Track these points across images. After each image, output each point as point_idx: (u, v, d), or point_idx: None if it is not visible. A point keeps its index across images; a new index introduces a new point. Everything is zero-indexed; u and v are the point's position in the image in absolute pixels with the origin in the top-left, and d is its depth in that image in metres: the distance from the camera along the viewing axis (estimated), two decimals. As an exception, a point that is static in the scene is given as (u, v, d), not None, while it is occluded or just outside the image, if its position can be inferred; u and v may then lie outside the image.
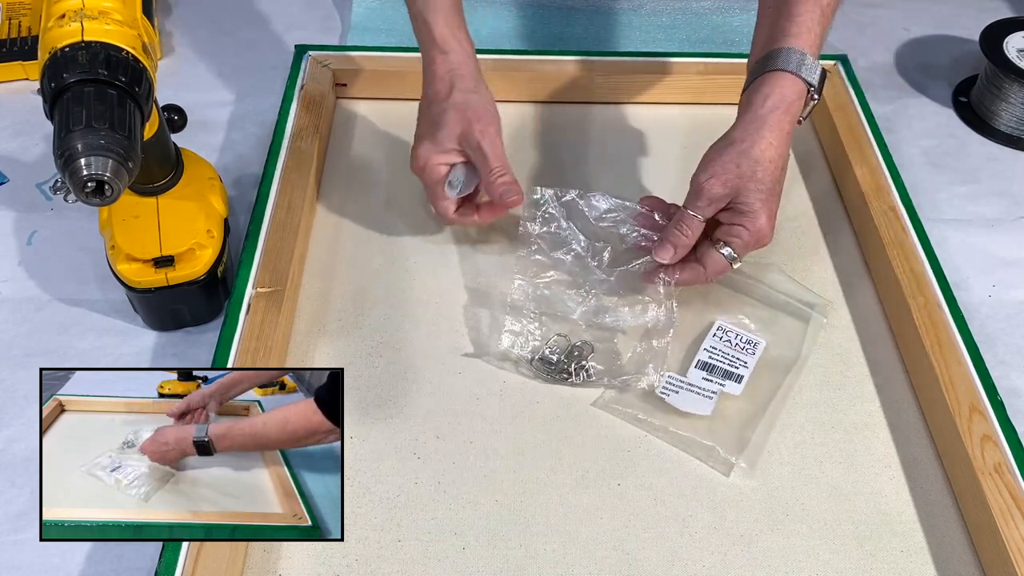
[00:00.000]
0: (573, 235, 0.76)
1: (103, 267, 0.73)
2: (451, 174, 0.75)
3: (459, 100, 0.73)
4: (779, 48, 0.69)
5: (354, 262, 0.79)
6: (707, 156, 0.70)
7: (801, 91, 0.69)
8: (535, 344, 0.72)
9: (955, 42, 1.09)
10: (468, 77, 0.74)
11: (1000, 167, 0.93)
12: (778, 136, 0.68)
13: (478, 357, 0.72)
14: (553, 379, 0.71)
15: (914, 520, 0.64)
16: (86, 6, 0.58)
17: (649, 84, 0.95)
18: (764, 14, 0.75)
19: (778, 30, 0.71)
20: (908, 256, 0.76)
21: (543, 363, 0.71)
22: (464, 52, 0.75)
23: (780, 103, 0.68)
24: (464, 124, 0.72)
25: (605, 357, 0.72)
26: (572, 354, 0.71)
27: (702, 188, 0.68)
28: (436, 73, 0.75)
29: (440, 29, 0.74)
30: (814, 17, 0.70)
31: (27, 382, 0.70)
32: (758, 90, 0.69)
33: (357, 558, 0.60)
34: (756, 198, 0.68)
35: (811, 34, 0.70)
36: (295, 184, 0.80)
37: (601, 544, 0.62)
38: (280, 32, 1.06)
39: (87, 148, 0.53)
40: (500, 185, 0.72)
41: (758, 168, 0.67)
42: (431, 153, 0.74)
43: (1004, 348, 0.76)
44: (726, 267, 0.71)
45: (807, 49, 0.69)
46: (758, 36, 0.75)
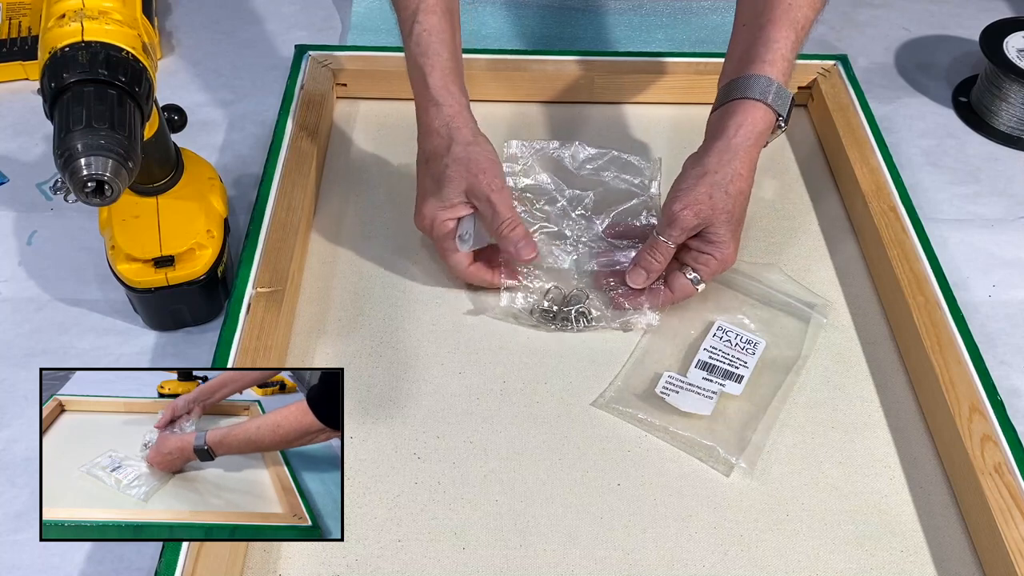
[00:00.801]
0: (556, 186, 0.78)
1: (103, 267, 0.73)
2: (460, 227, 0.73)
3: (460, 154, 0.71)
4: (752, 75, 0.71)
5: (354, 262, 0.79)
6: (681, 184, 0.71)
7: (771, 121, 0.72)
8: (533, 299, 0.74)
9: (955, 42, 1.09)
10: (465, 128, 0.72)
11: (1000, 167, 0.93)
12: (748, 167, 0.71)
13: (481, 313, 0.74)
14: (555, 327, 0.73)
15: (914, 520, 0.64)
16: (86, 6, 0.58)
17: (649, 84, 0.95)
18: (739, 31, 0.77)
19: (753, 54, 0.72)
20: (908, 256, 0.76)
21: (543, 314, 0.73)
22: (458, 103, 0.73)
23: (751, 133, 0.71)
24: (469, 178, 0.71)
25: (601, 303, 0.74)
26: (569, 302, 0.73)
27: (676, 217, 0.70)
28: (431, 126, 0.73)
29: (435, 78, 0.73)
30: (788, 44, 0.72)
31: (27, 382, 0.70)
32: (731, 116, 0.71)
33: (357, 558, 0.61)
34: (727, 229, 0.71)
35: (785, 61, 0.72)
36: (295, 184, 0.80)
37: (601, 544, 0.62)
38: (280, 32, 1.06)
39: (87, 148, 0.53)
40: (513, 238, 0.71)
41: (730, 201, 0.70)
42: (437, 210, 0.73)
43: (1004, 348, 0.76)
44: (692, 291, 0.74)
45: (779, 77, 0.71)
46: (732, 51, 0.76)
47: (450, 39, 0.74)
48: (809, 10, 0.73)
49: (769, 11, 0.73)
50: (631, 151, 0.91)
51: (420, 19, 0.74)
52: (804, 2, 0.73)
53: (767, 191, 0.87)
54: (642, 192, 0.81)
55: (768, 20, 0.73)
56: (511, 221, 0.71)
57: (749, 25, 0.75)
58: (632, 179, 0.81)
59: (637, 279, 0.73)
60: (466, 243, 0.73)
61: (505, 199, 0.71)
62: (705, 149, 0.72)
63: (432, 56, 0.73)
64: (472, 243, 0.73)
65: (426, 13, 0.74)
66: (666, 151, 0.91)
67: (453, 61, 0.74)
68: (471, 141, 0.72)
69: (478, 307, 0.75)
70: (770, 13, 0.73)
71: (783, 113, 0.72)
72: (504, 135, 0.91)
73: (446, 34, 0.74)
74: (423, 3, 0.74)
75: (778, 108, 0.71)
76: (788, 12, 0.72)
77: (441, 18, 0.74)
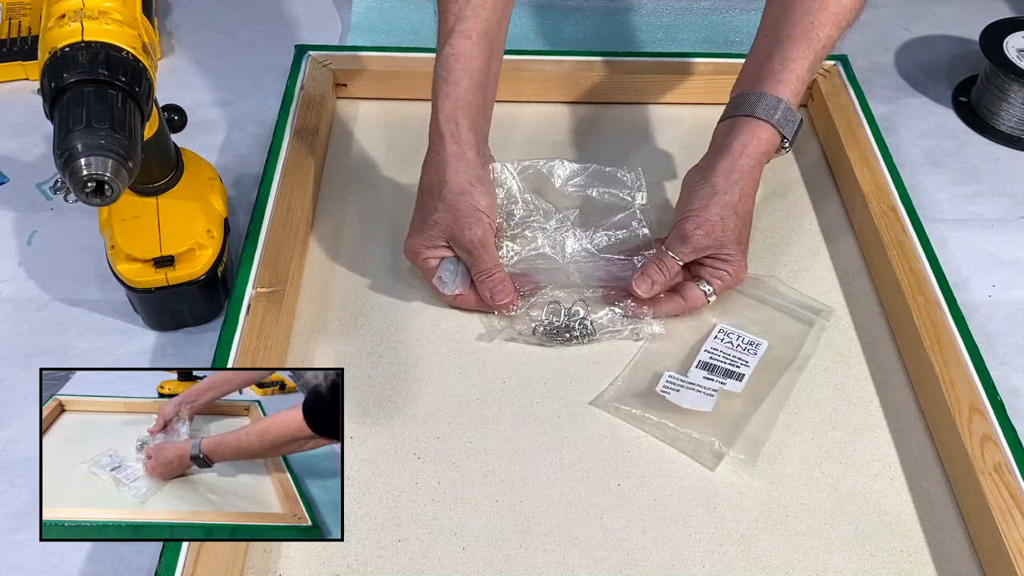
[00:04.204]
0: (544, 209, 0.78)
1: (103, 267, 0.73)
2: (440, 269, 0.73)
3: (450, 202, 0.70)
4: (763, 93, 0.72)
5: (354, 262, 0.79)
6: (691, 203, 0.72)
7: (776, 142, 0.73)
8: (533, 314, 0.74)
9: (955, 42, 1.09)
10: (461, 175, 0.70)
11: (1000, 167, 0.93)
12: (754, 187, 0.73)
13: (487, 341, 0.73)
14: (559, 343, 0.73)
15: (914, 520, 0.64)
16: (86, 6, 0.58)
17: (649, 84, 0.95)
18: (760, 38, 0.76)
19: (768, 70, 0.73)
20: (908, 256, 0.76)
21: (546, 331, 0.73)
22: (461, 143, 0.71)
23: (755, 154, 0.72)
24: (455, 228, 0.70)
25: (602, 312, 0.74)
26: (572, 316, 0.73)
27: (689, 237, 0.71)
28: (431, 159, 0.72)
29: (446, 107, 0.71)
30: (805, 65, 0.72)
31: (27, 382, 0.70)
32: (737, 135, 0.72)
33: (357, 558, 0.60)
34: (738, 248, 0.73)
35: (799, 82, 0.73)
36: (295, 184, 0.80)
37: (601, 544, 0.62)
38: (280, 32, 1.06)
39: (87, 148, 0.53)
40: (490, 286, 0.72)
41: (740, 221, 0.72)
42: (420, 247, 0.73)
43: (1004, 348, 0.76)
44: (703, 303, 0.74)
45: (791, 98, 0.72)
46: (751, 59, 0.76)
47: (479, 68, 0.71)
48: (833, 29, 0.73)
49: (791, 25, 0.73)
50: (632, 151, 0.91)
51: (452, 41, 0.71)
52: (828, 21, 0.72)
53: (767, 190, 0.87)
54: (629, 204, 0.81)
55: (788, 35, 0.72)
56: (488, 271, 0.72)
57: (769, 36, 0.74)
58: (618, 192, 0.80)
59: (643, 286, 0.73)
60: (446, 285, 0.73)
61: (487, 254, 0.71)
62: (711, 166, 0.72)
63: (451, 83, 0.71)
64: (452, 287, 0.73)
65: (460, 36, 0.71)
66: (668, 151, 0.91)
67: (472, 93, 0.71)
68: (463, 191, 0.70)
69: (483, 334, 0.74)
70: (792, 28, 0.72)
71: (788, 135, 0.72)
72: (503, 136, 0.91)
73: (475, 62, 0.71)
74: (460, 24, 0.71)
75: (783, 130, 0.72)
76: (809, 31, 0.72)
77: (475, 44, 0.71)
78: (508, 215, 0.77)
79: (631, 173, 0.82)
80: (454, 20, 0.72)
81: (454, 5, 0.72)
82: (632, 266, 0.76)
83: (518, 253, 0.77)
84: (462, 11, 0.71)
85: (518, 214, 0.77)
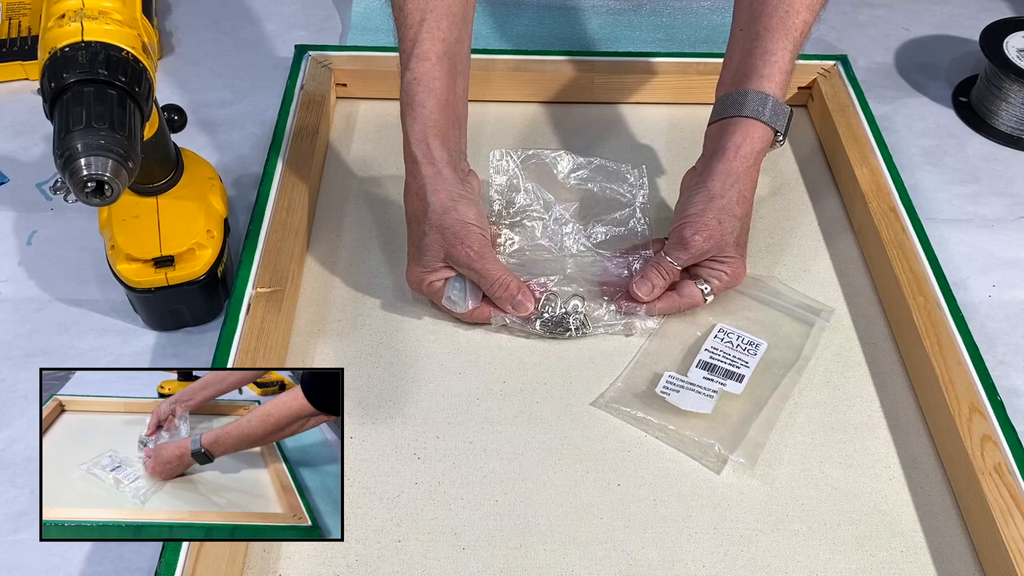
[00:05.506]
0: (543, 200, 0.78)
1: (103, 267, 0.73)
2: (448, 289, 0.72)
3: (436, 222, 0.69)
4: (749, 91, 0.71)
5: (354, 262, 0.79)
6: (688, 208, 0.72)
7: (769, 138, 0.73)
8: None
9: (955, 42, 1.09)
10: (441, 192, 0.69)
11: (1000, 167, 0.93)
12: (750, 188, 0.73)
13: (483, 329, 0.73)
14: (553, 335, 0.73)
15: (914, 520, 0.64)
16: (86, 6, 0.58)
17: (649, 84, 0.95)
18: (736, 35, 0.76)
19: (750, 66, 0.72)
20: (908, 256, 0.76)
21: (542, 325, 0.73)
22: (436, 162, 0.70)
23: (750, 153, 0.72)
24: (447, 247, 0.69)
25: (597, 307, 0.74)
26: (568, 309, 0.73)
27: (688, 243, 0.71)
28: (410, 186, 0.71)
29: (415, 131, 0.70)
30: (786, 56, 0.72)
31: (27, 382, 0.70)
32: (729, 136, 0.72)
33: (357, 558, 0.61)
34: (736, 251, 0.73)
35: (783, 74, 0.72)
36: (295, 184, 0.80)
37: (601, 544, 0.62)
38: (280, 32, 1.06)
39: (87, 148, 0.53)
40: (508, 299, 0.71)
41: (737, 224, 0.72)
42: (421, 275, 0.72)
43: (1004, 348, 0.76)
44: (701, 301, 0.74)
45: (777, 92, 0.72)
46: (730, 58, 0.76)
47: (441, 88, 0.71)
48: (808, 14, 0.73)
49: (766, 18, 0.72)
50: (631, 151, 0.91)
51: (412, 65, 0.70)
52: (802, 7, 0.72)
53: (767, 190, 0.87)
54: (630, 201, 0.81)
55: (764, 28, 0.72)
56: (501, 282, 0.70)
57: (746, 31, 0.74)
58: (619, 188, 0.81)
59: (643, 288, 0.73)
60: (457, 304, 0.72)
61: (490, 263, 0.70)
62: (707, 169, 0.72)
63: (416, 107, 0.70)
64: (464, 304, 0.72)
65: (418, 59, 0.70)
66: (668, 151, 0.91)
67: (439, 112, 0.71)
68: (447, 208, 0.69)
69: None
70: (767, 20, 0.72)
71: (780, 129, 0.72)
72: (502, 136, 0.91)
73: (437, 83, 0.70)
74: (417, 47, 0.71)
75: (775, 125, 0.72)
76: (785, 20, 0.72)
77: (435, 65, 0.70)
78: (508, 202, 0.77)
79: (635, 170, 0.82)
80: (411, 44, 0.71)
81: (409, 30, 0.71)
82: (628, 265, 0.76)
83: (515, 242, 0.77)
84: (417, 35, 0.71)
85: (519, 202, 0.77)
